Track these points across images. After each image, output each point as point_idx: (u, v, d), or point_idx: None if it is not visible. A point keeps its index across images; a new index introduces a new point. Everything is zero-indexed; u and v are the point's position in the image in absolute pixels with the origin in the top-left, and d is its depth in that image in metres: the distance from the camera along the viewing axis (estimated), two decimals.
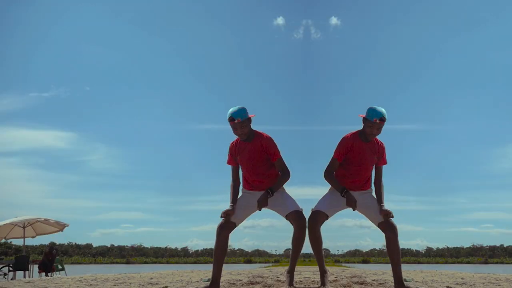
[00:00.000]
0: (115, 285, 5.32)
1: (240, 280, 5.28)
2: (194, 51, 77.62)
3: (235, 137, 3.89)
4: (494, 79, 69.48)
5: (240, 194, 3.94)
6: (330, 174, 3.87)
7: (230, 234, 3.73)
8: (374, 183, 3.95)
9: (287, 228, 3.82)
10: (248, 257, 60.67)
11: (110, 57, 78.68)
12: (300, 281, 5.09)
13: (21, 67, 67.29)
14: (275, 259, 56.35)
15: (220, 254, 3.67)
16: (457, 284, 4.76)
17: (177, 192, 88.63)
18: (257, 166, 3.80)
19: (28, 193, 73.78)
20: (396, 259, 3.66)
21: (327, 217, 3.81)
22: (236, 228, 3.76)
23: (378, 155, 3.85)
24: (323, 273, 4.02)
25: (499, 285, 4.43)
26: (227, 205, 3.81)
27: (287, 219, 3.79)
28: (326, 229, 3.89)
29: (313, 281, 5.02)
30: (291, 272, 4.00)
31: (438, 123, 73.27)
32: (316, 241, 3.78)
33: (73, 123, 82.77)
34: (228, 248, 3.79)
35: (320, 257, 3.93)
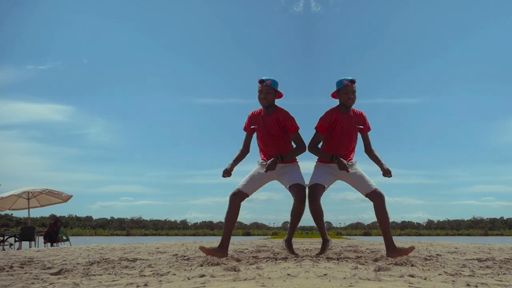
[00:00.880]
0: (124, 253, 5.46)
1: (246, 249, 5.43)
2: (192, 25, 76.49)
3: (244, 115, 4.05)
4: (496, 53, 69.01)
5: (256, 166, 4.03)
6: (314, 146, 3.95)
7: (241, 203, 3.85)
8: (365, 151, 4.08)
9: (285, 202, 3.95)
10: (247, 230, 61.55)
11: (108, 30, 77.55)
12: (302, 249, 5.25)
13: (17, 39, 66.43)
14: (273, 232, 57.20)
15: (229, 221, 3.78)
16: (448, 252, 4.90)
17: (176, 166, 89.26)
18: (274, 140, 3.91)
19: (27, 166, 74.00)
20: (385, 226, 3.77)
21: (324, 188, 3.90)
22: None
23: (359, 124, 3.97)
24: (325, 242, 4.15)
25: (489, 253, 4.57)
26: (226, 179, 3.96)
27: (289, 190, 3.89)
28: (328, 202, 4.02)
29: (315, 248, 5.18)
30: (288, 242, 4.14)
31: (439, 97, 73.16)
32: (317, 212, 3.87)
33: (71, 96, 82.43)
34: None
35: (322, 226, 4.04)
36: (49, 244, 12.50)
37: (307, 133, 3.99)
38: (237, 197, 3.79)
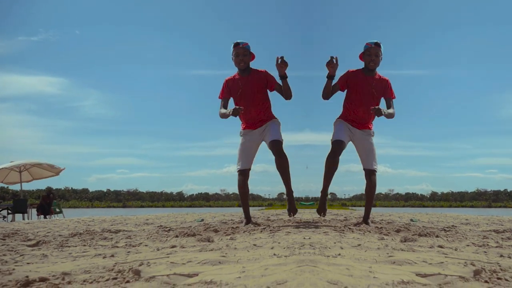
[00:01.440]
0: (112, 225, 5.52)
1: (232, 220, 5.50)
2: None
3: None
4: (504, 24, 68.27)
5: (240, 140, 4.17)
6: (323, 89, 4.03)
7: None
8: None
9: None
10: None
11: (100, 1, 75.84)
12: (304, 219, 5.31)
13: (7, 9, 64.96)
14: (269, 203, 57.79)
15: (243, 197, 4.16)
16: (462, 224, 4.97)
17: (171, 138, 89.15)
18: (256, 97, 4.04)
19: (22, 139, 73.73)
20: (369, 202, 4.15)
21: (344, 144, 4.03)
22: (228, 172, 4.09)
23: (381, 89, 4.03)
24: (325, 194, 4.30)
25: (502, 225, 4.64)
26: (221, 151, 4.19)
27: (269, 148, 4.03)
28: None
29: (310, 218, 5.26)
30: (289, 195, 4.21)
31: (445, 69, 72.77)
32: (334, 165, 4.03)
33: (64, 68, 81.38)
34: (222, 193, 4.11)
35: (330, 179, 4.12)
36: (42, 216, 12.60)
37: (304, 106, 4.08)
38: (243, 176, 4.04)
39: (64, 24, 77.80)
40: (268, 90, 4.12)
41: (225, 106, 4.12)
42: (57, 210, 13.59)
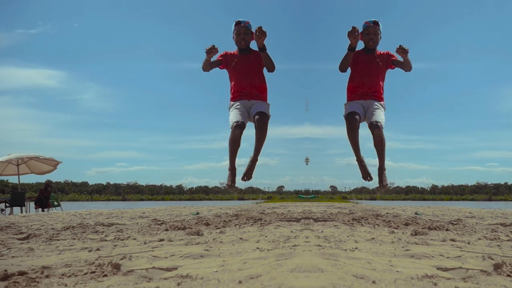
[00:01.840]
0: (107, 218, 5.53)
1: (226, 213, 5.51)
2: None
3: None
4: (504, 17, 68.04)
5: (232, 107, 4.09)
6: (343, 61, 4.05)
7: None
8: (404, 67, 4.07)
9: (280, 166, 4.02)
10: (242, 194, 62.21)
11: None
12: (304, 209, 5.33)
13: (6, 2, 64.59)
14: (268, 196, 57.89)
15: (233, 145, 3.93)
16: (467, 217, 4.98)
17: (171, 131, 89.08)
18: (251, 72, 4.05)
19: (21, 132, 73.67)
20: (381, 150, 3.98)
21: (359, 116, 4.00)
22: (227, 166, 4.04)
23: (384, 61, 4.03)
24: (360, 161, 4.22)
25: (506, 218, 4.66)
26: (220, 144, 4.18)
27: (253, 120, 4.00)
28: (333, 167, 4.10)
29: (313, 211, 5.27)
30: (253, 162, 4.10)
31: (445, 63, 72.56)
32: (356, 135, 4.06)
33: (63, 61, 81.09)
34: (221, 186, 4.09)
35: (358, 151, 4.14)
36: (40, 209, 12.61)
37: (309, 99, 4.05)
38: (238, 128, 3.91)
39: (63, 17, 77.44)
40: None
41: (213, 63, 4.09)
42: (55, 203, 13.60)
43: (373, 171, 4.11)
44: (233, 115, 4.00)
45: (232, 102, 4.13)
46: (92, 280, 1.22)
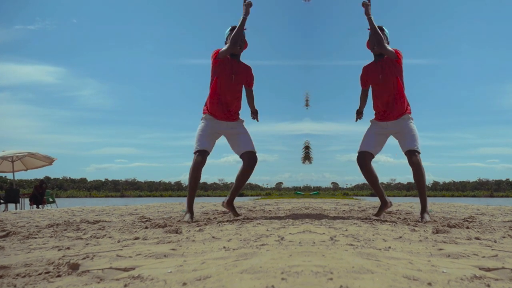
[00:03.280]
0: (97, 215, 5.51)
1: (216, 210, 5.50)
2: None
3: None
4: (506, 14, 67.89)
5: (202, 123, 4.00)
6: (360, 98, 4.16)
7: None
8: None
9: (279, 163, 3.98)
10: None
11: None
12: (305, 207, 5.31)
13: None
14: (267, 192, 57.92)
15: (194, 182, 3.83)
16: (477, 214, 4.97)
17: (170, 128, 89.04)
18: (237, 83, 4.01)
19: (20, 128, 73.61)
20: (421, 191, 3.87)
21: (373, 156, 3.95)
22: (226, 162, 3.96)
23: (393, 65, 3.94)
24: (383, 203, 4.13)
25: None
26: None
27: (240, 156, 3.94)
28: (334, 164, 4.06)
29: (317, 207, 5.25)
30: (230, 203, 4.04)
31: (447, 59, 72.46)
32: (371, 176, 3.97)
33: (62, 57, 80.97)
34: (220, 182, 4.02)
35: (378, 189, 4.05)
36: (34, 206, 12.61)
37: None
38: (201, 157, 3.82)
39: (61, 13, 77.30)
40: (244, 85, 4.13)
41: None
42: (50, 199, 13.61)
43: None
44: (199, 136, 3.92)
45: (204, 115, 4.03)
46: (44, 281, 1.20)
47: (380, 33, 3.83)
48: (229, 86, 3.97)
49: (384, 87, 3.93)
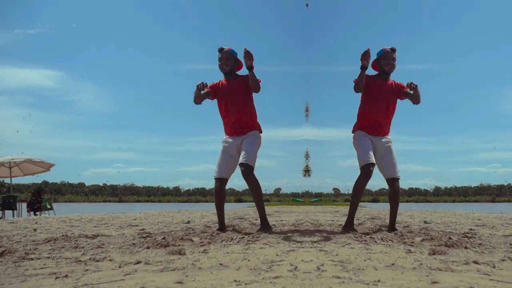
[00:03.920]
0: (95, 226, 5.39)
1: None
2: None
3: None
4: (505, 15, 68.11)
5: (222, 146, 4.11)
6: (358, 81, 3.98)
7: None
8: (413, 102, 4.05)
9: (277, 169, 3.96)
10: (239, 196, 61.98)
11: None
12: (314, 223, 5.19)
13: (4, 1, 64.36)
14: (265, 199, 57.53)
15: (219, 203, 4.07)
16: (477, 226, 4.89)
17: (168, 133, 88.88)
18: (238, 98, 4.03)
19: (18, 132, 73.33)
20: (393, 209, 4.02)
21: (374, 165, 3.97)
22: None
23: (397, 90, 4.05)
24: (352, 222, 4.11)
25: None
26: (218, 146, 4.14)
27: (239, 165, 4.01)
28: (335, 169, 4.06)
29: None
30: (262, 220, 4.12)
31: (447, 62, 72.55)
32: (362, 192, 4.03)
33: (61, 61, 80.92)
34: (226, 188, 4.09)
35: (356, 207, 4.10)
36: (32, 213, 12.45)
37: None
38: (219, 183, 3.96)
39: (61, 17, 77.29)
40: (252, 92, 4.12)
41: (202, 93, 4.06)
42: (48, 206, 13.44)
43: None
44: (218, 162, 4.03)
45: (224, 138, 4.18)
46: None
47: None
48: (231, 106, 4.05)
49: (381, 106, 4.01)
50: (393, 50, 4.06)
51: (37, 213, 12.46)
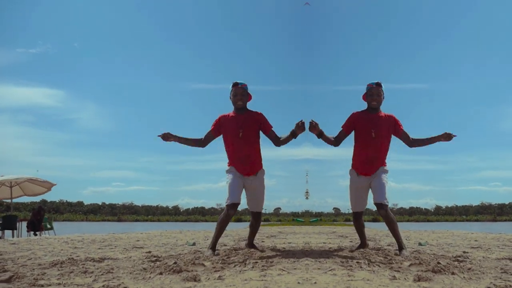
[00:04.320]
0: (99, 248, 5.30)
1: (224, 245, 5.28)
2: (185, 8, 75.48)
3: (225, 112, 4.27)
4: (503, 36, 68.85)
5: (230, 174, 4.17)
6: (334, 139, 4.21)
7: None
8: (410, 145, 4.22)
9: (277, 188, 3.99)
10: (239, 215, 61.47)
11: (99, 13, 76.40)
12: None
13: (7, 21, 65.16)
14: (265, 218, 57.28)
15: (222, 229, 4.11)
16: (472, 247, 4.83)
17: (168, 152, 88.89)
18: (248, 135, 4.10)
19: (18, 150, 73.38)
20: (394, 234, 4.08)
21: (363, 212, 4.37)
22: (224, 187, 4.16)
23: (391, 125, 4.11)
24: (364, 244, 4.54)
25: None
26: (218, 165, 4.37)
27: (251, 212, 4.37)
28: (336, 189, 4.17)
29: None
30: (251, 245, 4.54)
31: (447, 81, 73.03)
32: (360, 229, 4.46)
33: (62, 80, 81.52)
34: (218, 207, 4.33)
35: (363, 234, 4.52)
36: (32, 233, 12.29)
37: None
38: (233, 211, 4.03)
39: (63, 36, 78.20)
40: (262, 132, 4.24)
41: (207, 138, 4.28)
42: (48, 226, 13.29)
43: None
44: (229, 189, 4.07)
45: (228, 167, 4.23)
46: None
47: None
48: (240, 142, 4.10)
49: (374, 143, 4.04)
50: (378, 85, 4.09)
51: (37, 232, 12.31)
